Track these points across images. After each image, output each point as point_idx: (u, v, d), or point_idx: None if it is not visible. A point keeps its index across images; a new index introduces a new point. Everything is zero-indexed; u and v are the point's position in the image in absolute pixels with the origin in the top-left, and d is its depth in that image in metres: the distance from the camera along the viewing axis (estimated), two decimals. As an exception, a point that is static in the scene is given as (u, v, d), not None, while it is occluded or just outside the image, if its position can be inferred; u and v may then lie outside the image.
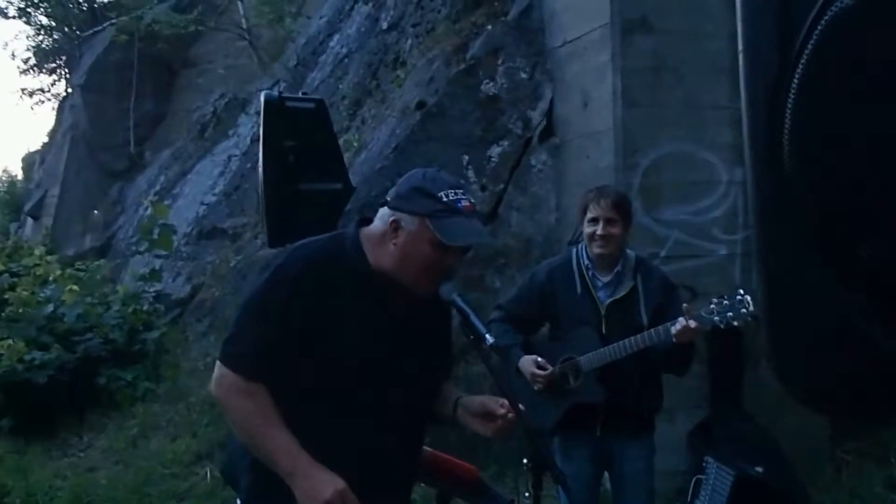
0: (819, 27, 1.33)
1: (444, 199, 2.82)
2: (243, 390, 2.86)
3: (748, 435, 5.95)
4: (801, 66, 1.34)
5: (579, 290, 4.40)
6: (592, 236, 4.32)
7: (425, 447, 3.44)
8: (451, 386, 3.16)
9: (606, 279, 4.39)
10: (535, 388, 4.35)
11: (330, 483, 2.78)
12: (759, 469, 5.49)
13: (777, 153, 1.39)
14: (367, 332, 2.91)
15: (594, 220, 4.32)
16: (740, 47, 1.44)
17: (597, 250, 4.34)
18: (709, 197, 6.37)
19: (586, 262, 4.42)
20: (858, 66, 1.32)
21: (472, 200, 2.89)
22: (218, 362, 2.93)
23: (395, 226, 2.87)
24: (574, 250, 4.52)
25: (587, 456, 4.43)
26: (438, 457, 3.57)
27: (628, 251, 4.46)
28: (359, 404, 2.92)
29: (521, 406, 2.83)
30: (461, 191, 2.87)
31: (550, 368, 4.34)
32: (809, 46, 1.33)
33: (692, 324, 3.99)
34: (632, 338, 4.18)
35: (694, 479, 5.64)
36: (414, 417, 3.07)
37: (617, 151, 6.47)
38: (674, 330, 4.03)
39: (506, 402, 2.86)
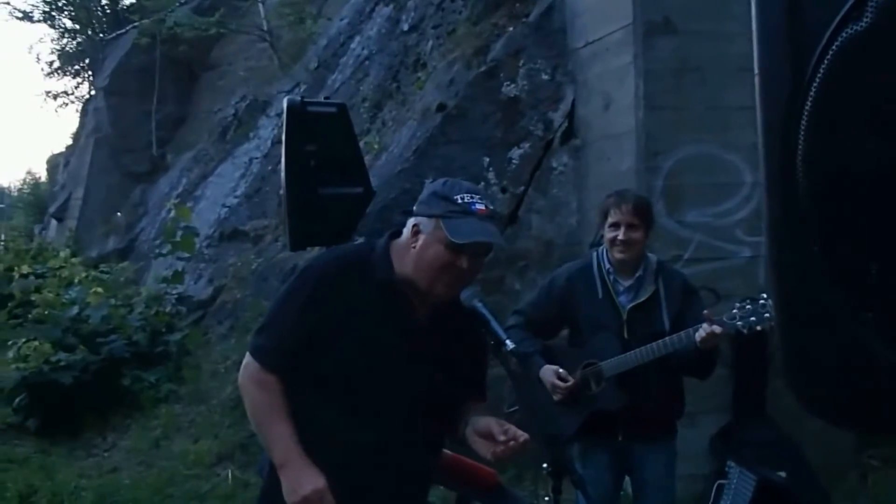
0: (831, 52, 1.32)
1: (459, 201, 2.87)
2: (261, 381, 3.01)
3: (771, 440, 5.93)
4: (813, 91, 1.34)
5: (600, 294, 4.37)
6: (614, 241, 4.30)
7: (445, 451, 3.46)
8: (476, 406, 3.14)
9: (628, 283, 4.37)
10: (555, 398, 4.33)
11: (311, 481, 2.90)
12: (783, 474, 5.47)
13: (790, 176, 1.38)
14: (386, 338, 2.96)
15: (615, 226, 4.29)
16: (755, 69, 1.44)
17: (618, 255, 4.31)
18: (732, 199, 6.33)
19: (607, 266, 4.39)
20: (870, 90, 1.31)
21: (490, 206, 2.92)
22: (248, 351, 3.09)
23: (416, 230, 2.93)
24: (595, 254, 4.50)
25: (608, 461, 4.42)
26: (458, 460, 3.59)
27: (650, 255, 4.44)
28: (371, 408, 2.97)
29: (538, 412, 2.84)
30: (478, 196, 2.91)
31: (572, 380, 4.31)
32: (821, 71, 1.33)
33: (716, 329, 3.97)
34: (655, 343, 4.15)
35: (716, 484, 5.62)
36: (430, 425, 3.07)
37: (639, 153, 6.45)
38: (698, 336, 4.01)
39: (510, 428, 2.86)
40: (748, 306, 3.99)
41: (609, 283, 4.38)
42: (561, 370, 4.34)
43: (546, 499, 2.78)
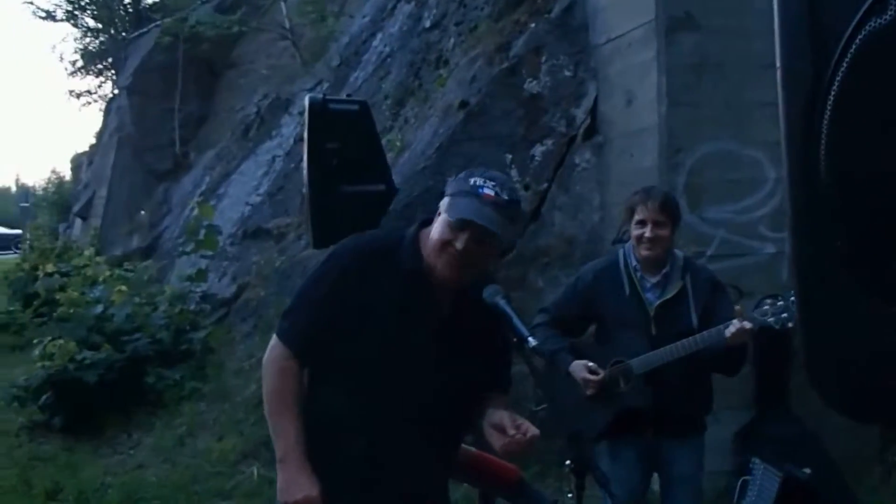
0: (854, 46, 1.31)
1: (471, 184, 2.90)
2: (282, 368, 3.03)
3: (795, 436, 5.90)
4: (835, 85, 1.33)
5: (627, 291, 4.36)
6: (640, 238, 4.29)
7: (468, 447, 3.46)
8: (499, 398, 3.14)
9: (654, 280, 4.35)
10: (587, 392, 4.32)
11: (304, 488, 2.93)
12: (807, 471, 5.44)
13: (812, 171, 1.38)
14: (408, 327, 2.97)
15: (642, 223, 4.28)
16: (777, 64, 1.43)
17: (645, 252, 4.30)
18: (755, 195, 6.29)
19: (634, 263, 4.38)
20: (894, 84, 1.30)
21: (504, 196, 2.88)
22: (275, 333, 3.11)
23: (439, 212, 2.96)
24: (620, 251, 4.49)
25: (636, 458, 4.41)
26: (480, 456, 3.58)
27: (676, 252, 4.43)
28: (392, 396, 2.98)
29: (562, 409, 2.84)
30: (494, 182, 2.90)
31: (602, 373, 4.31)
32: (844, 65, 1.32)
33: (747, 325, 3.96)
34: (685, 340, 4.14)
35: (741, 481, 5.60)
36: (448, 415, 3.07)
37: (661, 150, 6.43)
38: (728, 331, 4.00)
39: (523, 423, 2.87)
40: (780, 302, 3.97)
41: (636, 280, 4.36)
42: (591, 364, 4.34)
43: (569, 495, 2.77)
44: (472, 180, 2.90)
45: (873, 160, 1.32)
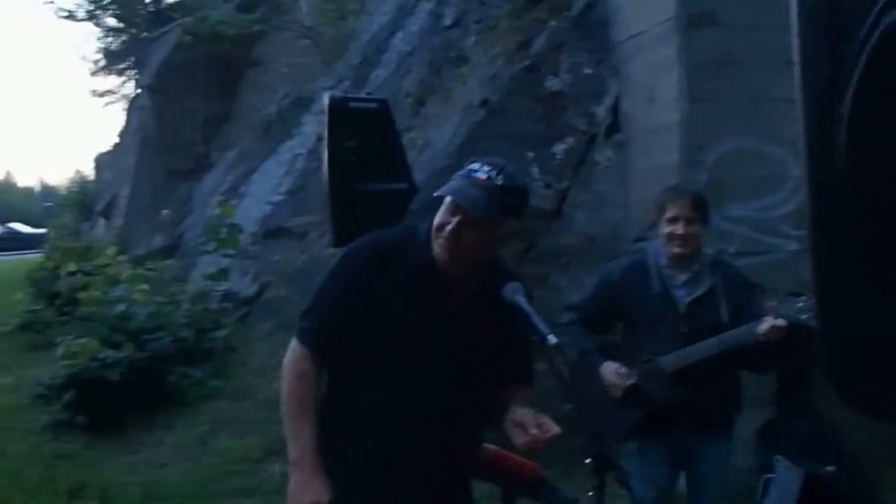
0: (872, 39, 1.30)
1: (469, 167, 2.91)
2: (301, 370, 3.06)
3: (817, 433, 5.85)
4: (854, 79, 1.31)
5: (656, 289, 4.33)
6: (671, 236, 4.27)
7: (489, 445, 3.45)
8: (521, 392, 3.14)
9: (684, 278, 4.33)
10: (614, 395, 4.32)
11: (315, 493, 2.93)
12: (831, 468, 5.40)
13: (831, 167, 1.36)
14: (420, 321, 2.97)
15: (673, 220, 4.26)
16: (795, 58, 1.42)
17: (676, 250, 4.28)
18: (777, 193, 6.25)
19: (663, 260, 4.36)
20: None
21: (497, 179, 2.86)
22: (294, 335, 3.14)
23: None
24: (648, 249, 4.48)
25: (665, 457, 4.39)
26: (501, 454, 3.57)
27: (705, 249, 4.41)
28: (409, 391, 2.98)
29: (589, 406, 2.83)
30: (491, 167, 2.88)
31: (631, 380, 4.30)
32: (863, 58, 1.30)
33: (780, 322, 3.93)
34: (716, 337, 4.13)
35: (763, 478, 5.56)
36: (464, 409, 3.07)
37: (682, 147, 6.40)
38: (760, 329, 3.97)
39: (545, 421, 2.87)
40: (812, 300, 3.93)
41: (665, 278, 4.34)
42: (622, 369, 4.33)
43: (590, 494, 2.76)
44: (472, 165, 2.91)
45: (892, 155, 1.30)
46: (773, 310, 4.00)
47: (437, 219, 2.92)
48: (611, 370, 4.34)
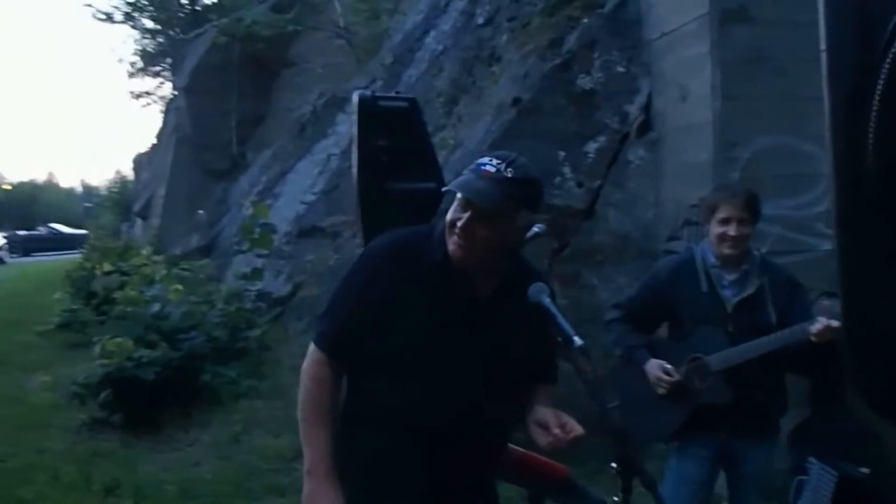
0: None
1: (478, 161, 2.89)
2: (318, 376, 3.02)
3: (852, 434, 5.77)
4: (885, 69, 1.28)
5: (704, 288, 4.31)
6: (723, 237, 4.23)
7: (516, 447, 3.42)
8: (545, 390, 3.11)
9: (732, 277, 4.30)
10: (658, 391, 4.30)
11: (328, 501, 2.91)
12: (865, 470, 5.33)
13: (859, 163, 1.32)
14: (439, 321, 2.94)
15: (726, 221, 4.23)
16: (822, 47, 1.38)
17: (727, 251, 4.24)
18: (812, 191, 6.18)
19: (711, 260, 4.33)
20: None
21: (506, 172, 2.83)
22: (311, 339, 3.12)
23: None
24: (696, 248, 4.45)
25: (707, 457, 4.37)
26: (529, 456, 3.55)
27: (753, 249, 4.37)
28: (431, 390, 2.94)
29: (608, 407, 2.80)
30: (500, 160, 2.86)
31: (677, 376, 4.28)
32: (891, 54, 1.26)
33: (834, 323, 3.88)
34: (766, 337, 4.09)
35: (796, 480, 5.50)
36: (489, 407, 3.02)
37: (716, 145, 6.33)
38: (813, 328, 3.92)
39: (569, 421, 2.84)
40: None
41: (713, 278, 4.31)
42: (667, 365, 4.31)
43: (615, 499, 2.73)
44: (482, 159, 2.89)
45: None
46: (826, 309, 3.95)
47: (449, 215, 2.89)
48: (657, 367, 4.33)
